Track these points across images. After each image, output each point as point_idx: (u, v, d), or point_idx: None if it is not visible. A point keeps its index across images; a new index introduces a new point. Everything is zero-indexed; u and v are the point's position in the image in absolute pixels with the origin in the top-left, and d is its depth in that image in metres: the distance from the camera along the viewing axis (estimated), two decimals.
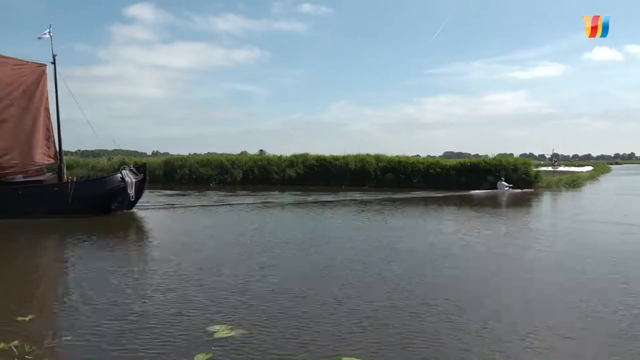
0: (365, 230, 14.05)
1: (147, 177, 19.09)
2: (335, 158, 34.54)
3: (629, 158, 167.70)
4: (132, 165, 19.09)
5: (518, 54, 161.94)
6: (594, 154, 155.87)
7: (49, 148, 17.98)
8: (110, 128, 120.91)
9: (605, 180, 43.91)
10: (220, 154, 42.29)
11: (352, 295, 7.38)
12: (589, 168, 57.87)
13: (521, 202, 23.27)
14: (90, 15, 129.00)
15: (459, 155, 71.63)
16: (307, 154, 35.89)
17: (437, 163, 32.62)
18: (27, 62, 17.82)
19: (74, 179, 17.58)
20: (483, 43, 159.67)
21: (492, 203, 23.21)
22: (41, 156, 17.82)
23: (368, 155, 34.23)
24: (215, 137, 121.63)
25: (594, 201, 24.20)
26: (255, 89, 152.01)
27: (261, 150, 46.47)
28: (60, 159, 18.28)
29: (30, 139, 17.53)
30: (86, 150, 55.54)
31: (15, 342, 5.29)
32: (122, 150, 53.16)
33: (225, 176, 34.48)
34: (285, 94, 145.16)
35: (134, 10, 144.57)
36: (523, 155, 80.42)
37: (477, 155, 47.66)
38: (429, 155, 47.37)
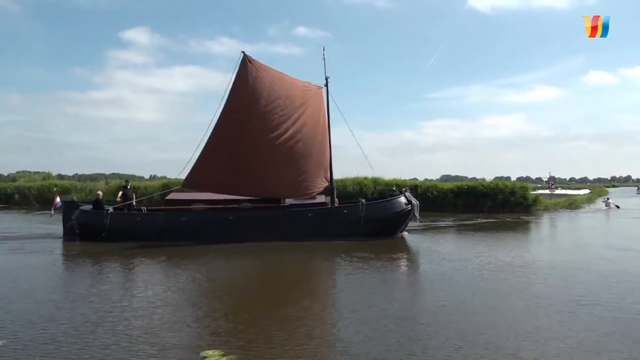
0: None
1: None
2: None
3: (626, 180, 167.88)
4: (408, 188, 18.57)
5: (515, 78, 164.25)
6: (591, 177, 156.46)
7: (326, 171, 17.93)
8: (111, 152, 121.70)
9: (601, 203, 43.82)
10: None
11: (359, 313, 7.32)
12: (586, 191, 57.80)
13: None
14: (87, 39, 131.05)
15: (456, 178, 71.88)
16: None
17: (435, 186, 32.67)
18: (311, 84, 18.08)
19: (363, 201, 17.30)
20: (480, 67, 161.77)
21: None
22: (321, 178, 17.82)
23: (366, 178, 34.09)
24: None
25: (599, 224, 24.21)
26: None
27: None
28: (331, 181, 18.19)
29: (317, 160, 17.63)
30: (83, 174, 55.38)
31: None
32: (119, 174, 53.22)
33: None
34: None
35: (130, 35, 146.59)
36: (520, 179, 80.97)
37: (474, 179, 47.90)
38: (426, 179, 47.62)
